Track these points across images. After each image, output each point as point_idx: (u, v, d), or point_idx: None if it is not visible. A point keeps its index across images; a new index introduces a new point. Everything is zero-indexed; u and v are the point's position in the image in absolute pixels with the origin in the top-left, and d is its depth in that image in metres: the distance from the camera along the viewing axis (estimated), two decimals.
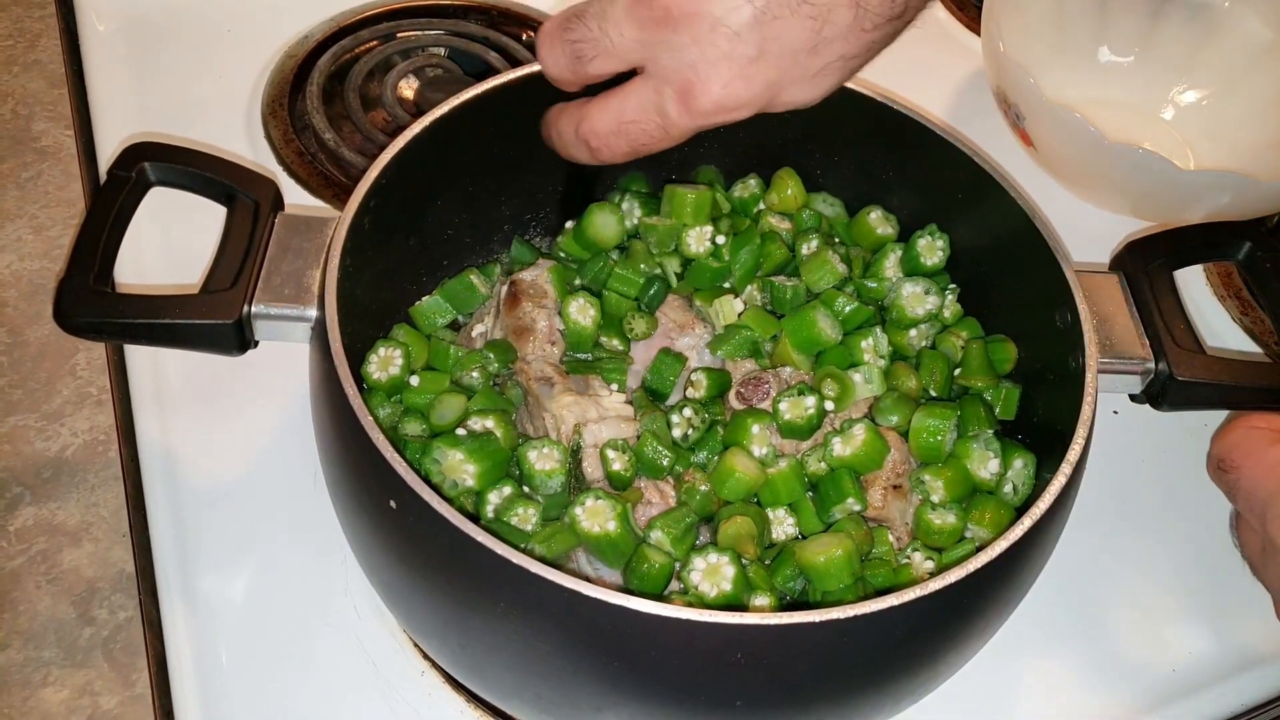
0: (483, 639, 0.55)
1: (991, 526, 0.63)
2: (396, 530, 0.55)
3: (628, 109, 0.59)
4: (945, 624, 0.55)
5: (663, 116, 0.58)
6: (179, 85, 0.99)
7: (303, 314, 0.63)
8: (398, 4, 1.07)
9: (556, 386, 0.67)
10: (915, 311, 0.72)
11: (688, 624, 0.49)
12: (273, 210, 0.66)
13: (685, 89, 0.57)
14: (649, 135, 0.60)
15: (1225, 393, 0.65)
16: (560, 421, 0.66)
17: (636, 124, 0.59)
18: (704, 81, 0.56)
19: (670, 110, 0.58)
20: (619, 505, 0.60)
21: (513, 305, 0.71)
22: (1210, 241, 0.73)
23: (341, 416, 0.56)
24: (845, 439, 0.65)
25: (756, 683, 0.52)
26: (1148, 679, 0.73)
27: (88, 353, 0.82)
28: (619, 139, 0.61)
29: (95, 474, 0.76)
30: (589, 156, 0.63)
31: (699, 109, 0.57)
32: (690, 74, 0.56)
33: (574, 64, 0.60)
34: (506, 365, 0.70)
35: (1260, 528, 0.63)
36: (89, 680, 0.68)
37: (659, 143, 0.60)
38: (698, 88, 0.56)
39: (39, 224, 0.90)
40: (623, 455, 0.63)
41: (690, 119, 0.58)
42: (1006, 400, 0.70)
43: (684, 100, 0.57)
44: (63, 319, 0.60)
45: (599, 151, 0.62)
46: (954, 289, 0.74)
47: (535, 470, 0.63)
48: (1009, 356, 0.71)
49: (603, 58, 0.59)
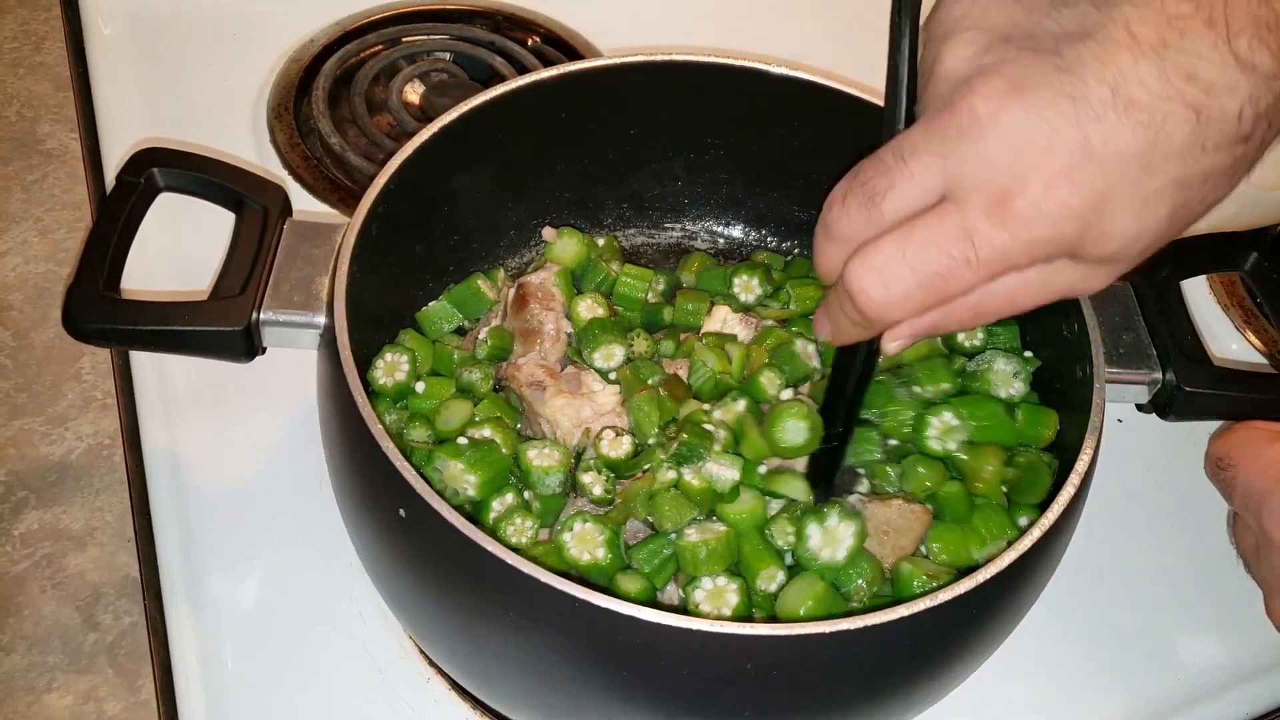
0: (491, 647, 0.55)
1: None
2: (406, 538, 0.55)
3: (917, 228, 0.47)
4: (954, 635, 0.55)
5: (968, 229, 0.45)
6: (184, 89, 0.99)
7: (311, 320, 0.63)
8: (403, 9, 1.07)
9: (548, 390, 0.67)
10: (998, 392, 0.67)
11: (699, 634, 0.49)
12: (281, 216, 0.66)
13: (999, 195, 0.45)
14: (947, 258, 0.46)
15: (1232, 403, 0.66)
16: (556, 425, 0.66)
17: (930, 245, 0.46)
18: (1021, 181, 0.44)
19: (978, 222, 0.45)
20: (606, 529, 0.60)
21: (520, 307, 0.71)
22: (1217, 252, 0.73)
23: (351, 424, 0.56)
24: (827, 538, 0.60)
25: (766, 693, 0.52)
26: (1153, 688, 0.73)
27: (93, 357, 0.82)
28: (903, 267, 0.47)
29: (100, 478, 0.76)
30: (855, 312, 0.49)
31: (1016, 216, 0.45)
32: (1004, 178, 0.44)
33: (866, 208, 0.48)
34: (503, 356, 0.70)
35: (1256, 523, 0.64)
36: (94, 686, 0.68)
37: (959, 272, 0.46)
38: (1014, 189, 0.44)
39: (44, 227, 0.90)
40: (601, 478, 0.64)
41: (1005, 230, 0.45)
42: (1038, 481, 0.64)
43: (998, 208, 0.45)
44: (72, 325, 0.60)
45: (871, 292, 0.48)
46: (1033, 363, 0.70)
47: (534, 467, 0.63)
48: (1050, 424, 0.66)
49: (900, 188, 0.47)
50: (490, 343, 0.71)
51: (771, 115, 0.77)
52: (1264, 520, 0.62)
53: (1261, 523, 0.63)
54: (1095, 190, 0.44)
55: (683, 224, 0.86)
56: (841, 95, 0.73)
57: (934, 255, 0.46)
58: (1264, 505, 0.62)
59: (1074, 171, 0.44)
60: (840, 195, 0.49)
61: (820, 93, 0.74)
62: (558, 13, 1.09)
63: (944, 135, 0.46)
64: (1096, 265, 0.48)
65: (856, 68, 0.82)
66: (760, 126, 0.78)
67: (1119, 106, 0.43)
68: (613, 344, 0.70)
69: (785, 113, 0.76)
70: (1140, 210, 0.45)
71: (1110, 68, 0.43)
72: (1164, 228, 0.46)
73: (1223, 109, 0.43)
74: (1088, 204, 0.45)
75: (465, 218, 0.76)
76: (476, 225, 0.78)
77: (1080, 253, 0.47)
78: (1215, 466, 0.66)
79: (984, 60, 0.46)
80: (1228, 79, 0.43)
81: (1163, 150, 0.44)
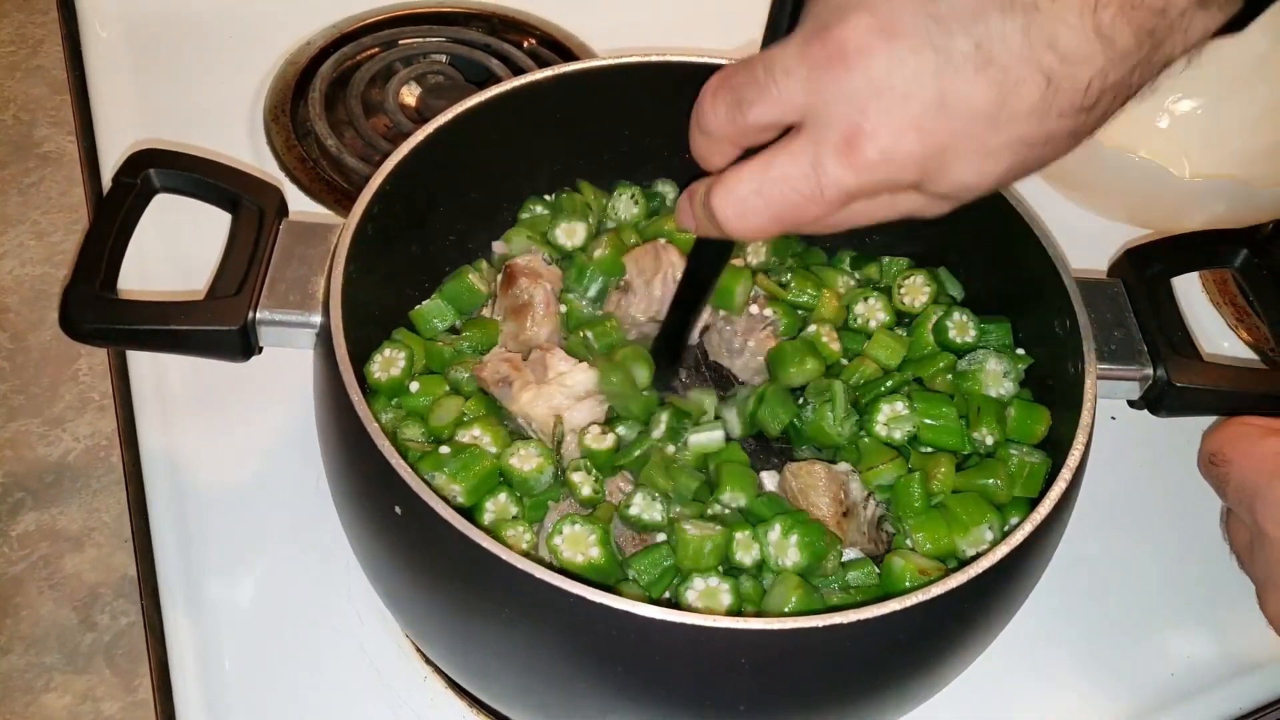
0: (487, 644, 0.56)
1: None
2: (401, 536, 0.55)
3: (774, 164, 0.50)
4: (948, 628, 0.55)
5: (817, 169, 0.48)
6: (181, 91, 0.99)
7: (307, 320, 0.63)
8: (400, 11, 1.08)
9: (515, 384, 0.67)
10: (989, 391, 0.69)
11: (693, 629, 0.49)
12: (277, 217, 0.67)
13: (850, 135, 0.47)
14: (797, 194, 0.49)
15: (1223, 399, 0.66)
16: (530, 420, 0.66)
17: (783, 181, 0.49)
18: (873, 126, 0.47)
19: (828, 161, 0.48)
20: (597, 529, 0.60)
21: (509, 284, 0.72)
22: (1208, 249, 0.73)
23: (347, 423, 0.56)
24: (780, 549, 0.61)
25: (760, 687, 0.52)
26: (1146, 683, 0.73)
27: (90, 358, 0.82)
28: (758, 200, 0.50)
29: (97, 479, 0.77)
30: (717, 230, 0.53)
31: (862, 159, 0.47)
32: (859, 118, 0.47)
33: (732, 112, 0.51)
34: (485, 347, 0.71)
35: (1249, 518, 0.64)
36: (91, 686, 0.68)
37: (807, 206, 0.49)
38: (865, 132, 0.47)
39: (41, 230, 0.90)
40: (590, 478, 0.64)
41: (850, 173, 0.48)
42: (1030, 477, 0.65)
43: (847, 148, 0.47)
44: (69, 325, 0.61)
45: (730, 221, 0.52)
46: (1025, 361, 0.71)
47: (524, 473, 0.63)
48: (1042, 421, 0.67)
49: (765, 103, 0.50)
50: (468, 333, 0.72)
51: None
52: (1258, 515, 0.63)
53: (1256, 517, 0.63)
54: (939, 142, 0.47)
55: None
56: None
57: (785, 192, 0.49)
58: (1258, 500, 0.62)
59: (923, 122, 0.47)
60: (711, 92, 0.52)
61: None
62: (553, 15, 1.10)
63: (813, 63, 0.48)
64: (937, 199, 0.51)
65: None
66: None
67: (979, 62, 0.45)
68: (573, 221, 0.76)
69: None
70: (979, 164, 0.48)
71: (979, 23, 0.45)
72: (1000, 179, 0.49)
73: (1074, 79, 0.46)
74: (930, 154, 0.47)
75: (460, 218, 0.77)
76: (471, 226, 0.78)
77: (920, 189, 0.50)
78: (1208, 462, 0.67)
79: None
80: (1085, 50, 0.45)
81: (1011, 111, 0.46)
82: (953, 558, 0.63)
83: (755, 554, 0.61)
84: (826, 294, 0.75)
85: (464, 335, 0.72)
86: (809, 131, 0.49)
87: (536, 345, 0.70)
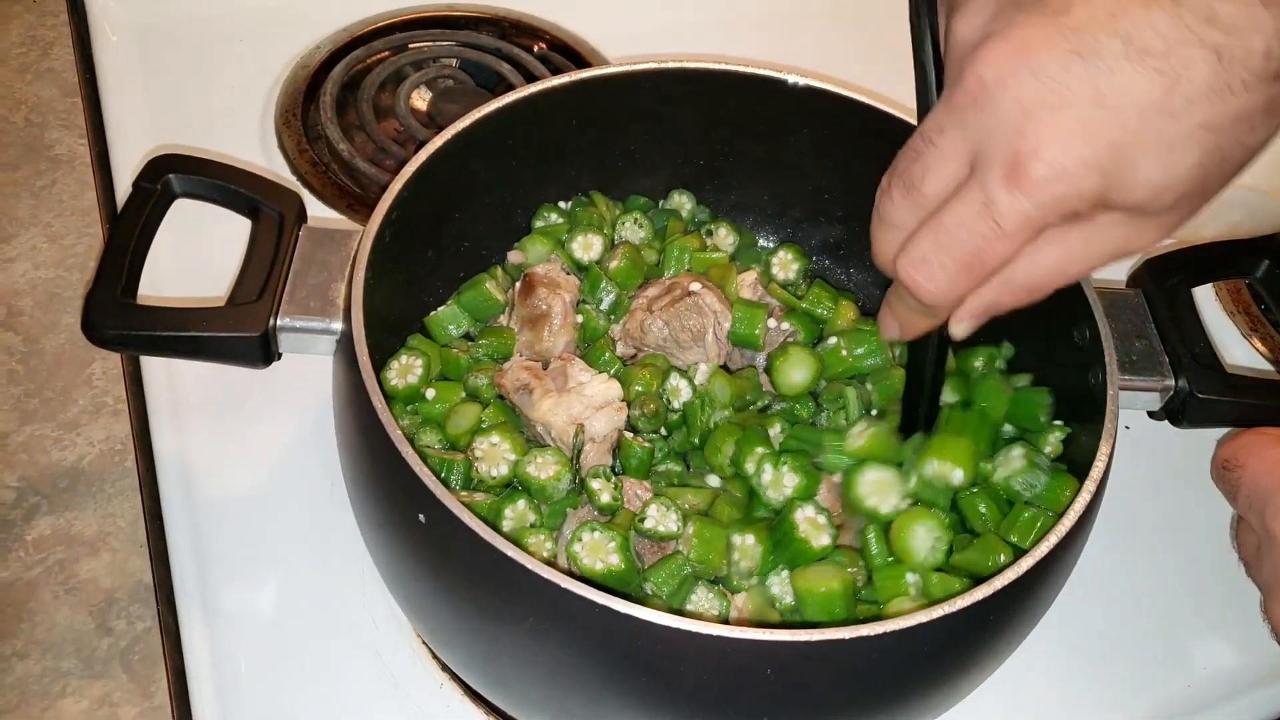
0: (510, 653, 0.56)
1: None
2: (424, 544, 0.55)
3: (946, 214, 0.48)
4: (971, 640, 0.55)
5: (989, 205, 0.46)
6: (192, 95, 0.99)
7: (328, 327, 0.63)
8: (410, 15, 1.08)
9: (535, 392, 0.67)
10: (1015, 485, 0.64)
11: (719, 640, 0.49)
12: (297, 223, 0.66)
13: (1013, 161, 0.45)
14: (975, 236, 0.47)
15: (1245, 410, 0.66)
16: (549, 427, 0.66)
17: (958, 227, 0.47)
18: (1034, 145, 0.44)
19: (997, 193, 0.46)
20: (616, 536, 0.60)
21: (527, 294, 0.72)
22: (1229, 259, 0.73)
23: (369, 429, 0.56)
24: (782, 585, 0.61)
25: (785, 698, 0.52)
26: (1163, 694, 0.73)
27: (104, 362, 0.82)
28: (939, 254, 0.48)
29: (112, 484, 0.76)
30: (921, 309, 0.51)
31: (1030, 180, 0.45)
32: (1017, 141, 0.45)
33: (908, 195, 0.49)
34: (502, 355, 0.71)
35: (1259, 522, 0.64)
36: (108, 691, 0.68)
37: (990, 245, 0.47)
38: (1026, 152, 0.45)
39: (54, 232, 0.90)
40: (609, 484, 0.64)
41: (1023, 196, 0.45)
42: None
43: (1014, 174, 0.45)
44: (91, 331, 0.61)
45: (920, 287, 0.49)
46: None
47: (541, 481, 0.63)
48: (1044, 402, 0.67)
49: (932, 171, 0.48)
50: (484, 341, 0.71)
51: (784, 123, 0.77)
52: (1268, 518, 0.62)
53: (1265, 521, 0.63)
54: (1112, 140, 0.44)
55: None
56: (856, 104, 0.74)
57: (964, 236, 0.47)
58: (1269, 503, 0.62)
59: (1087, 125, 0.44)
60: (886, 186, 0.51)
61: (831, 101, 0.75)
62: (564, 20, 1.10)
63: (960, 108, 0.46)
64: (1138, 217, 0.47)
65: (868, 75, 0.82)
66: (773, 134, 0.79)
67: (1133, 56, 0.43)
68: (589, 234, 0.76)
69: (799, 121, 0.77)
70: (1165, 157, 0.45)
71: (1121, 20, 0.44)
72: (1196, 174, 0.45)
73: (1247, 48, 0.43)
74: (1104, 155, 0.44)
75: (476, 224, 0.77)
76: (487, 232, 0.78)
77: (1111, 204, 0.46)
78: (1221, 469, 0.67)
79: (991, 27, 0.46)
80: (1250, 16, 0.43)
81: (1184, 95, 0.43)
82: None
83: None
84: (844, 304, 0.75)
85: (480, 343, 0.72)
86: (975, 175, 0.47)
87: (554, 356, 0.70)
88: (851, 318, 0.74)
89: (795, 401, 0.70)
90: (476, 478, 0.65)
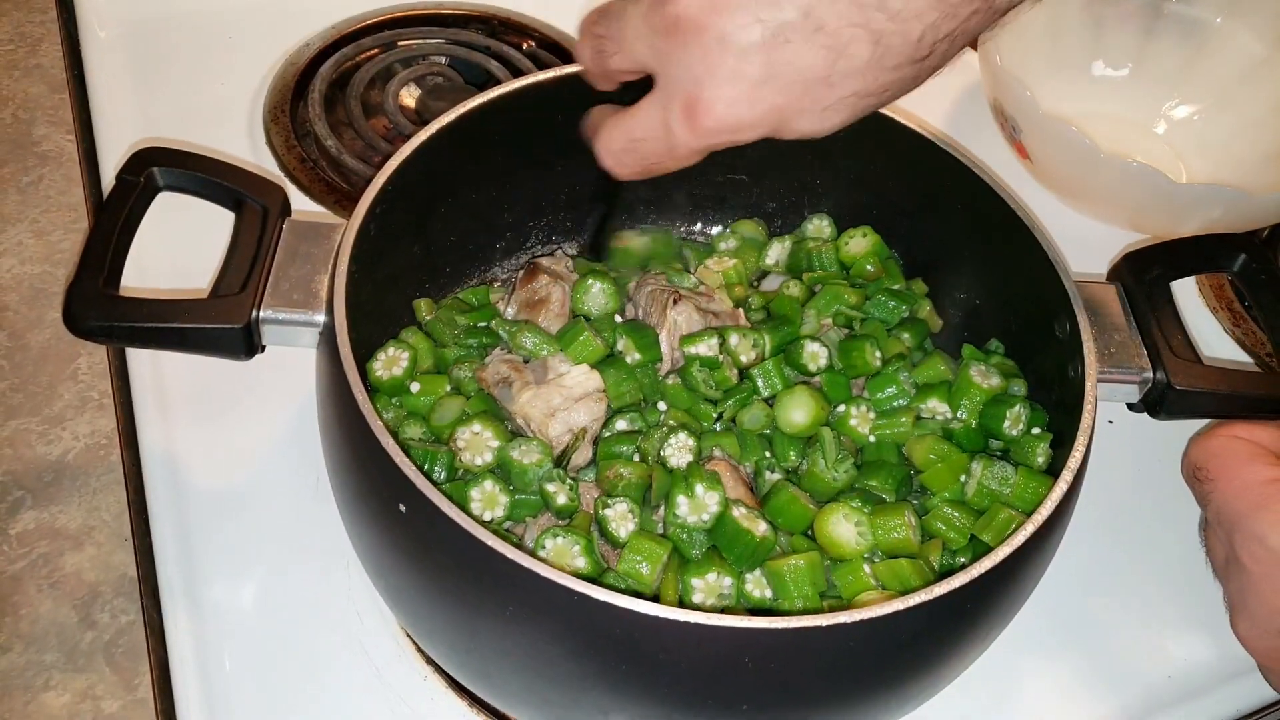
0: (490, 642, 0.56)
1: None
2: (405, 534, 0.55)
3: (637, 125, 0.58)
4: (949, 628, 0.55)
5: (668, 133, 0.56)
6: (180, 91, 0.99)
7: (311, 319, 0.63)
8: (399, 12, 1.08)
9: (515, 385, 0.67)
10: (1007, 430, 0.68)
11: (697, 628, 0.49)
12: (281, 216, 0.67)
13: (690, 105, 0.54)
14: (656, 154, 0.58)
15: (1222, 401, 0.66)
16: (529, 419, 0.66)
17: (645, 140, 0.57)
18: (708, 98, 0.53)
19: (676, 127, 0.55)
20: (580, 539, 0.61)
21: (529, 279, 0.72)
22: (1206, 253, 0.73)
23: (351, 421, 0.56)
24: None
25: (763, 686, 0.53)
26: (1143, 685, 0.73)
27: (89, 356, 0.82)
28: (629, 156, 0.59)
29: (97, 478, 0.77)
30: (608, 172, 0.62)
31: (702, 127, 0.54)
32: (695, 89, 0.53)
33: (597, 58, 0.60)
34: (490, 346, 0.72)
35: (1227, 543, 0.64)
36: (90, 684, 0.68)
37: (666, 161, 0.58)
38: (702, 104, 0.54)
39: (40, 228, 0.90)
40: (564, 486, 0.64)
41: (694, 137, 0.55)
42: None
43: (688, 117, 0.54)
44: (72, 322, 0.61)
45: (613, 169, 0.60)
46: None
47: (524, 464, 0.64)
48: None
49: (620, 57, 0.58)
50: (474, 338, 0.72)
51: None
52: (1235, 544, 0.63)
53: (1233, 545, 0.63)
54: (774, 105, 0.53)
55: (676, 224, 0.87)
56: None
57: (646, 150, 0.58)
58: (1237, 529, 0.63)
59: (754, 91, 0.52)
60: (580, 32, 0.62)
61: None
62: (553, 17, 1.10)
63: (655, 30, 0.54)
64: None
65: None
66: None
67: (807, 30, 0.50)
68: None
69: None
70: (818, 117, 0.54)
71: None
72: (841, 124, 0.55)
73: (904, 34, 0.50)
74: (764, 117, 0.53)
75: (461, 219, 0.77)
76: (472, 226, 0.78)
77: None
78: (1193, 475, 0.67)
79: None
80: (916, 7, 0.50)
81: (843, 70, 0.51)
82: None
83: None
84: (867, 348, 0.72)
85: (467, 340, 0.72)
86: (659, 92, 0.56)
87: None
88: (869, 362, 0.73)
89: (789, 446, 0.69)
90: (461, 468, 0.65)
